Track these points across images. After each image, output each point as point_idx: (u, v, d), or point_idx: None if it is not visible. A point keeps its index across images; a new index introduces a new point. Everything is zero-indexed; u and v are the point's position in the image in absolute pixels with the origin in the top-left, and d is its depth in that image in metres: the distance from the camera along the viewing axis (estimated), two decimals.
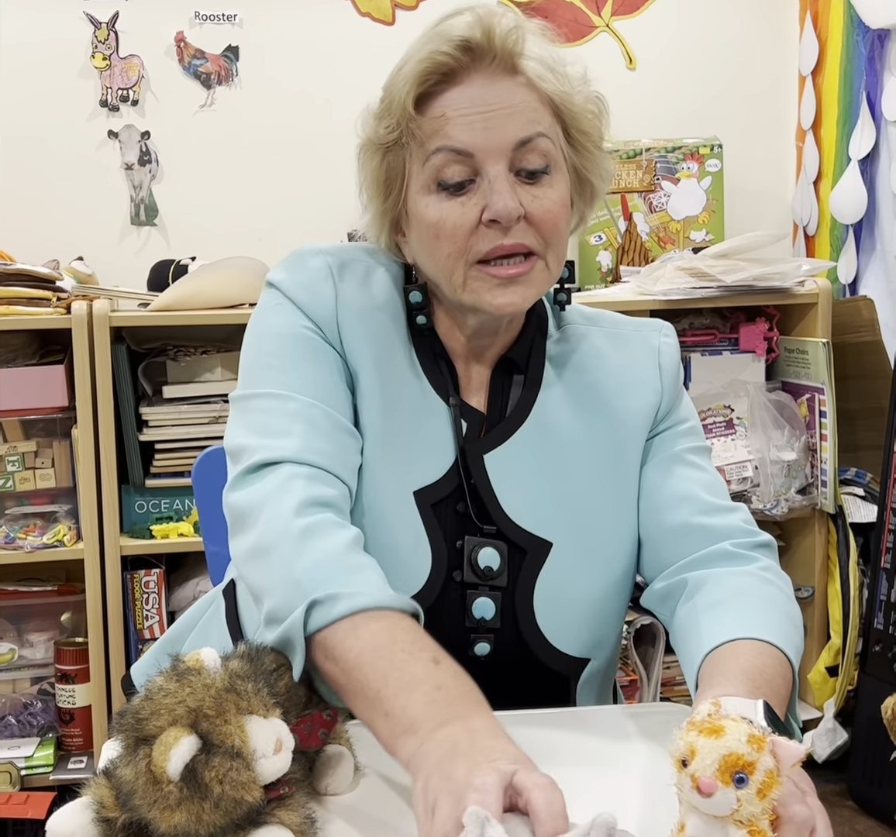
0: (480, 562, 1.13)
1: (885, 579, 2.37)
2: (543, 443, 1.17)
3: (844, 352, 2.58)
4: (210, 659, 0.83)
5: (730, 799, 0.73)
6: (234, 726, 0.78)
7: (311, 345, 1.12)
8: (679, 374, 1.25)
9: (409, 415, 1.14)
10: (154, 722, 0.78)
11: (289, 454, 1.04)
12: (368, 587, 0.95)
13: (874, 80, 2.61)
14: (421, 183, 1.09)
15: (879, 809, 2.30)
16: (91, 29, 2.61)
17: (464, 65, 1.07)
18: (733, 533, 1.15)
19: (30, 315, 2.23)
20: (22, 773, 2.27)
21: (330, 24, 2.72)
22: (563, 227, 1.12)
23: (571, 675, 1.17)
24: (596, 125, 1.15)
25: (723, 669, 0.95)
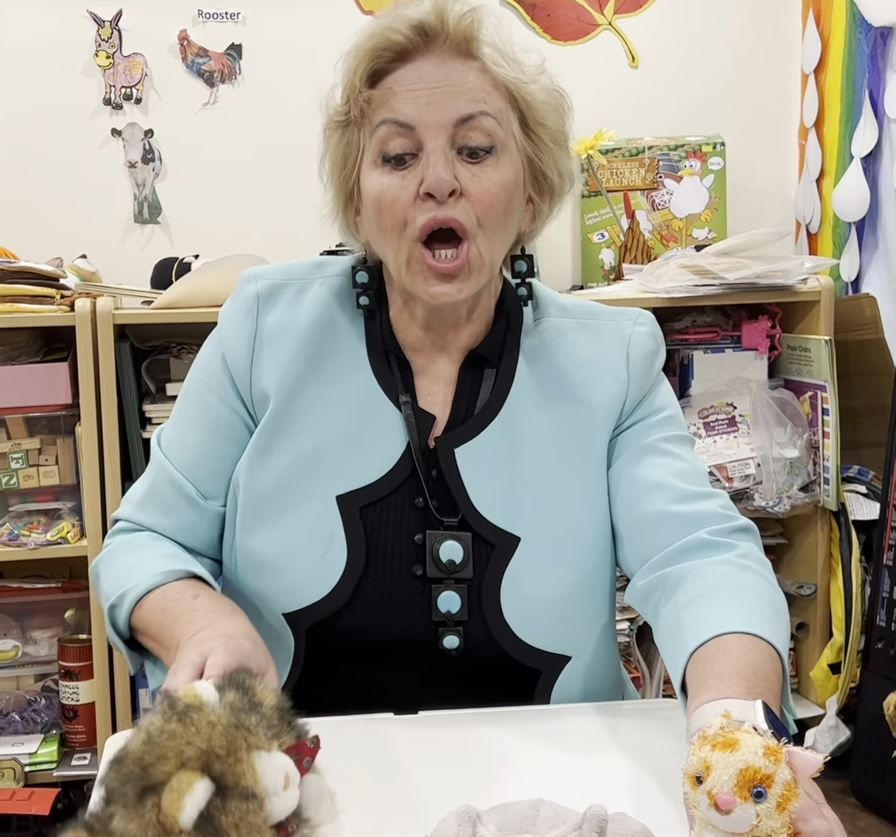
0: (442, 556, 1.13)
1: (888, 576, 2.38)
2: (514, 438, 1.17)
3: (847, 349, 2.58)
4: (208, 693, 0.77)
5: (749, 815, 0.71)
6: (246, 764, 0.73)
7: (204, 400, 1.21)
8: (652, 363, 1.22)
9: (346, 422, 1.16)
10: (161, 768, 0.71)
11: (125, 513, 1.24)
12: (145, 576, 1.11)
13: (877, 77, 2.61)
14: (370, 158, 1.11)
15: (882, 806, 2.31)
16: (94, 27, 2.62)
17: (416, 45, 1.10)
18: (709, 519, 1.13)
19: (33, 312, 2.23)
20: (26, 769, 2.27)
21: (333, 22, 2.72)
22: (501, 210, 1.10)
23: (546, 671, 1.15)
24: (554, 119, 1.15)
25: (714, 669, 0.93)
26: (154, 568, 1.12)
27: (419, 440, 1.15)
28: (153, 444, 1.25)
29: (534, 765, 1.00)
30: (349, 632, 1.14)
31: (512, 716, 1.10)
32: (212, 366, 1.21)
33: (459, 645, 1.14)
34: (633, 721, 1.10)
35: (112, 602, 1.11)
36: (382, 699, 1.12)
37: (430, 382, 1.19)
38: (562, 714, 1.12)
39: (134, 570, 1.13)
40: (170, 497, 1.21)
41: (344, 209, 1.18)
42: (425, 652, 1.14)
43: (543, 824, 0.81)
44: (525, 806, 0.83)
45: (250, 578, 1.17)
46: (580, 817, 0.74)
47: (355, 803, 0.90)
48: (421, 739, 1.05)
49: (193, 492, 1.20)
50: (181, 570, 1.11)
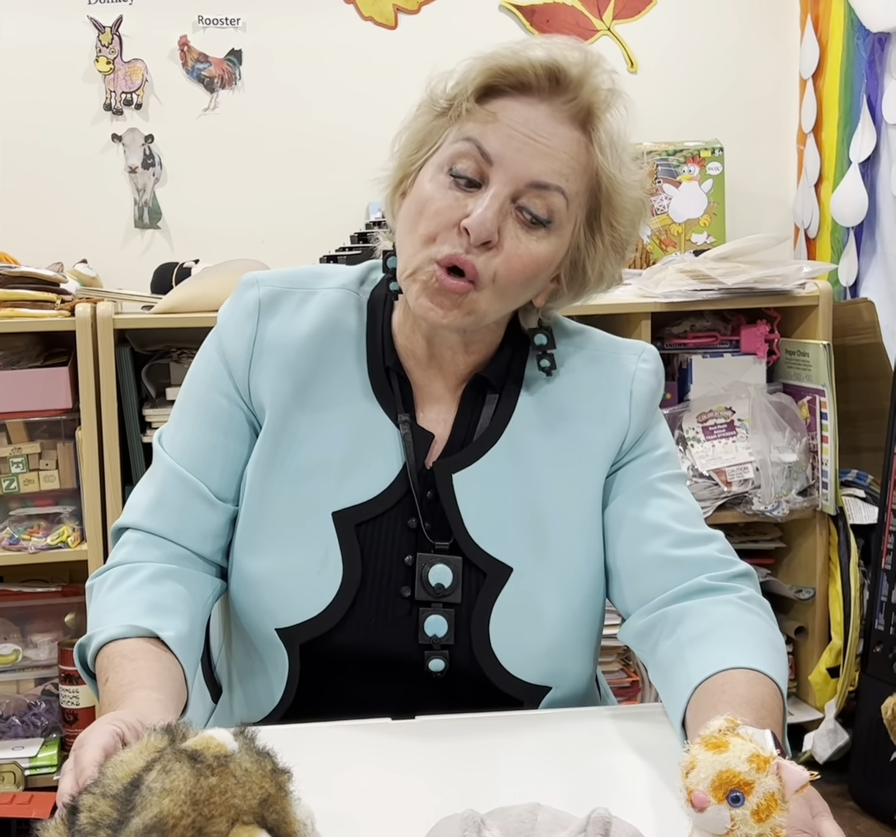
0: (431, 580, 1.13)
1: (886, 580, 2.38)
2: (513, 467, 1.15)
3: (845, 354, 2.59)
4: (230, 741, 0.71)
5: (723, 817, 0.71)
6: (290, 810, 0.70)
7: (207, 398, 1.19)
8: (653, 401, 1.22)
9: (344, 437, 1.15)
10: (215, 828, 0.66)
11: (132, 519, 1.18)
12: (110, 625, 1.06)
13: (875, 83, 2.62)
14: (440, 159, 1.08)
15: (880, 809, 2.31)
16: (95, 33, 2.63)
17: (541, 87, 1.06)
18: (709, 564, 1.13)
19: (34, 317, 2.24)
20: (26, 773, 2.28)
21: (333, 28, 2.74)
22: (522, 280, 1.08)
23: (527, 701, 1.15)
24: (627, 227, 1.12)
25: (724, 698, 0.93)
26: (122, 618, 1.07)
27: (417, 458, 1.14)
28: (156, 447, 1.21)
29: (529, 769, 1.00)
30: (341, 649, 1.14)
31: (507, 721, 1.10)
32: (213, 366, 1.19)
33: (445, 669, 1.13)
34: (630, 725, 1.10)
35: (81, 641, 1.08)
36: (373, 715, 1.11)
37: (429, 401, 1.18)
38: (557, 718, 1.13)
39: (109, 612, 1.10)
40: (183, 499, 1.16)
41: (397, 185, 1.14)
42: (412, 672, 1.14)
43: (542, 828, 0.81)
44: (523, 810, 0.83)
45: (245, 592, 1.16)
46: (584, 820, 0.74)
47: (350, 807, 0.90)
48: (416, 744, 1.06)
49: (208, 493, 1.16)
50: (144, 628, 1.05)
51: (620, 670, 2.52)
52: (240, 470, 1.17)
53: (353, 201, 2.64)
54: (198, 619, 1.13)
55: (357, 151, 2.63)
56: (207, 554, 1.17)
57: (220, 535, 1.18)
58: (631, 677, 2.50)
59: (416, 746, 1.05)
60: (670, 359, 2.64)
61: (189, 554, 1.16)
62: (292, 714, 1.16)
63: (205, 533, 1.17)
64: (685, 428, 2.53)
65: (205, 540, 1.17)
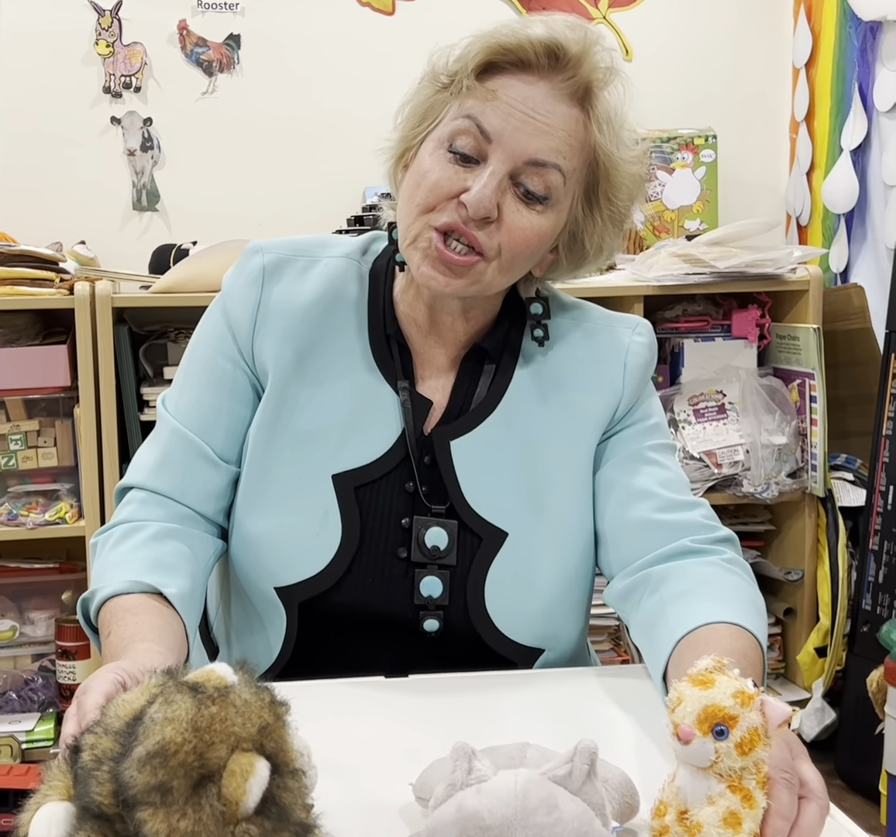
0: (427, 542, 1.16)
1: (873, 561, 2.41)
2: (509, 435, 1.18)
3: (836, 339, 2.62)
4: (230, 673, 0.71)
5: (707, 750, 0.73)
6: (289, 741, 0.70)
7: (212, 362, 1.21)
8: (646, 373, 1.24)
9: (344, 402, 1.17)
10: (215, 754, 0.66)
11: (137, 478, 1.20)
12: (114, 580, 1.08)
13: (866, 71, 2.65)
14: (440, 134, 1.10)
15: (866, 786, 2.33)
16: (95, 16, 2.65)
17: (541, 65, 1.08)
18: (692, 528, 1.15)
19: (33, 295, 2.26)
20: (23, 747, 2.31)
21: (330, 13, 2.76)
22: (525, 253, 1.11)
23: (521, 663, 1.18)
24: (625, 202, 1.14)
25: (707, 649, 0.95)
26: (126, 574, 1.09)
27: (415, 425, 1.17)
28: (160, 410, 1.23)
29: (519, 720, 1.03)
30: (339, 609, 1.17)
31: (498, 679, 1.13)
32: (218, 330, 1.21)
33: (439, 629, 1.16)
34: (616, 682, 1.13)
35: (85, 595, 1.10)
36: (368, 674, 1.14)
37: (428, 369, 1.21)
38: (548, 677, 1.16)
39: (113, 568, 1.11)
40: (188, 460, 1.18)
41: (399, 156, 1.17)
42: (407, 632, 1.17)
43: (531, 764, 0.84)
44: (512, 748, 0.86)
45: (245, 552, 1.19)
46: (571, 750, 0.76)
47: (345, 755, 0.93)
48: (409, 699, 1.09)
49: (212, 454, 1.18)
50: (146, 584, 1.07)
51: (611, 649, 2.55)
52: (242, 433, 1.20)
53: (349, 185, 2.66)
54: (199, 578, 1.15)
55: (354, 136, 2.65)
56: (210, 515, 1.20)
57: (223, 496, 1.20)
58: (621, 656, 2.53)
59: (409, 701, 1.08)
60: (662, 342, 2.67)
61: (192, 514, 1.18)
62: (288, 673, 1.19)
63: (208, 493, 1.19)
64: (677, 410, 2.56)
65: (208, 500, 1.19)
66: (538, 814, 0.72)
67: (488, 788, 0.74)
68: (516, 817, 0.72)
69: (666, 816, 0.76)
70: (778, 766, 0.78)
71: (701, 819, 0.74)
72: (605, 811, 0.76)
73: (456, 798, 0.74)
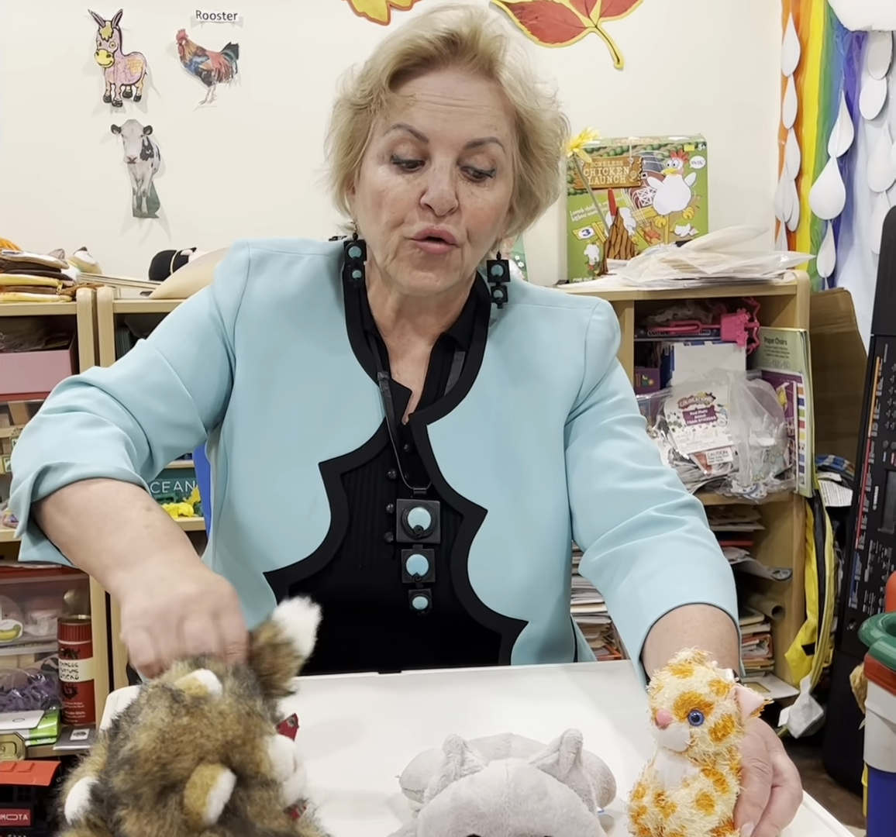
0: (411, 522, 1.21)
1: (859, 560, 2.46)
2: (482, 417, 1.24)
3: (823, 342, 2.67)
4: (212, 682, 0.73)
5: (683, 734, 0.78)
6: (262, 751, 0.70)
7: (199, 326, 1.24)
8: (607, 350, 1.29)
9: (326, 392, 1.23)
10: (180, 765, 0.67)
11: (101, 381, 1.19)
12: (99, 462, 1.04)
13: (852, 79, 2.70)
14: (377, 150, 1.17)
15: (852, 781, 2.38)
16: (95, 27, 2.70)
17: (444, 56, 1.15)
18: (656, 496, 1.20)
19: (36, 301, 2.31)
20: (27, 744, 2.35)
21: (326, 23, 2.80)
22: (489, 228, 1.18)
23: (505, 635, 1.23)
24: (555, 144, 1.22)
25: (686, 639, 0.98)
26: (111, 459, 1.05)
27: (395, 414, 1.23)
28: (141, 343, 1.25)
29: (504, 714, 1.08)
30: (328, 592, 1.19)
31: (484, 675, 1.18)
32: (204, 307, 1.26)
33: (428, 606, 1.21)
34: (602, 678, 1.18)
35: (50, 463, 1.03)
36: (361, 657, 1.19)
37: (403, 361, 1.26)
38: (531, 672, 1.21)
39: (89, 449, 1.06)
40: (164, 385, 1.20)
41: (341, 184, 1.25)
42: (397, 613, 1.22)
43: (516, 754, 0.88)
44: (497, 739, 0.90)
45: (237, 537, 1.23)
46: (557, 740, 0.81)
47: (335, 749, 0.97)
48: (399, 695, 1.13)
49: (185, 391, 1.21)
50: (135, 477, 1.04)
51: (603, 647, 2.60)
52: (210, 397, 1.23)
53: None
54: None
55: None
56: (154, 444, 1.20)
57: (174, 434, 1.21)
58: (614, 654, 2.58)
59: (399, 697, 1.13)
60: (653, 346, 2.72)
61: (142, 436, 1.18)
62: None
63: (167, 424, 1.20)
64: (667, 413, 2.61)
65: (160, 430, 1.20)
66: (529, 801, 0.76)
67: (481, 778, 0.78)
68: (509, 804, 0.76)
69: (644, 797, 0.80)
70: (752, 755, 0.82)
71: (675, 800, 0.78)
72: (590, 796, 0.80)
73: (450, 788, 0.78)
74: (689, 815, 0.78)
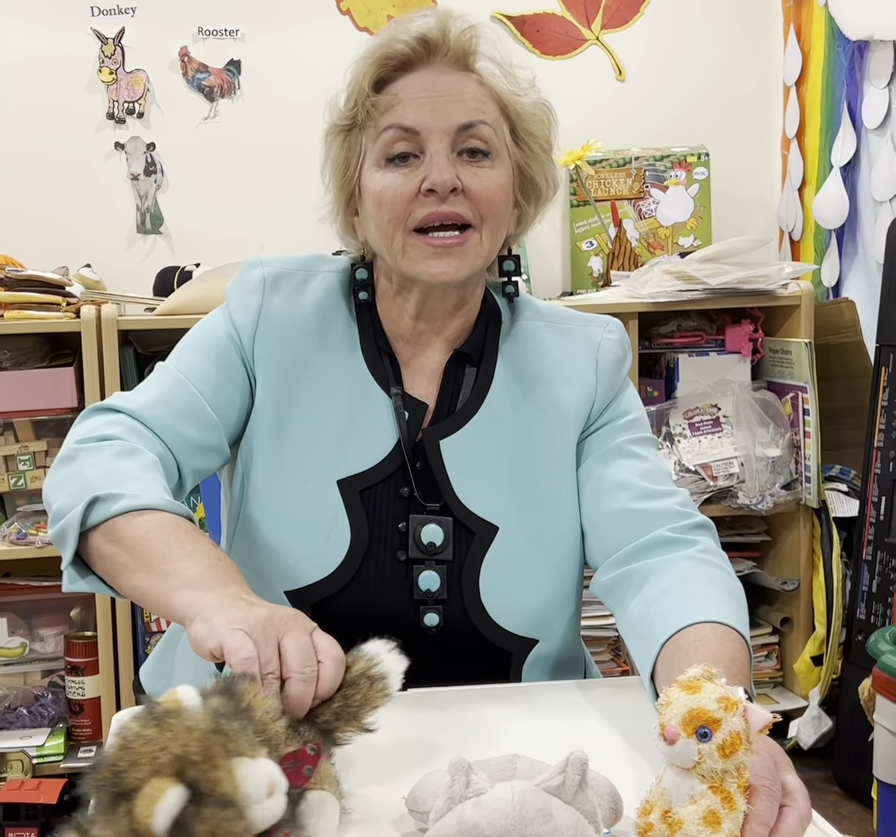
0: (423, 539, 1.21)
1: (867, 570, 2.45)
2: (494, 433, 1.24)
3: (828, 352, 2.67)
4: (189, 698, 0.73)
5: (691, 751, 0.77)
6: (223, 771, 0.69)
7: (217, 347, 1.24)
8: (619, 369, 1.29)
9: (343, 408, 1.23)
10: (134, 774, 0.68)
11: (129, 407, 1.18)
12: (148, 493, 1.05)
13: (854, 89, 2.70)
14: (373, 159, 1.19)
15: (863, 793, 2.37)
16: (98, 44, 2.71)
17: (419, 56, 1.18)
18: (669, 516, 1.19)
19: (40, 319, 2.31)
20: (34, 761, 2.35)
21: (328, 38, 2.80)
22: (501, 206, 1.19)
23: (516, 653, 1.22)
24: (542, 129, 1.23)
25: (697, 656, 0.97)
26: (157, 491, 1.06)
27: (410, 427, 1.23)
28: (160, 365, 1.24)
29: (511, 731, 1.07)
30: (343, 611, 1.21)
31: (492, 693, 1.17)
32: (222, 326, 1.25)
33: (439, 623, 1.21)
34: (609, 694, 1.17)
35: (99, 494, 1.03)
36: None
37: (415, 374, 1.26)
38: (539, 690, 1.20)
39: (133, 481, 1.07)
40: (188, 409, 1.20)
41: (344, 209, 1.25)
42: (409, 630, 1.19)
43: (522, 775, 0.88)
44: (502, 760, 0.90)
45: (257, 557, 1.23)
46: (563, 761, 0.80)
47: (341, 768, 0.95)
48: (404, 714, 1.11)
49: (211, 412, 1.21)
50: (185, 510, 1.05)
51: (611, 660, 2.59)
52: (233, 417, 1.23)
53: None
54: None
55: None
56: (185, 469, 1.20)
57: (203, 457, 1.21)
58: (621, 666, 2.57)
59: (404, 716, 1.11)
60: (658, 357, 2.72)
61: (172, 461, 1.18)
62: None
63: (196, 447, 1.20)
64: (672, 424, 2.60)
65: (191, 454, 1.19)
66: (535, 824, 0.76)
67: (486, 800, 0.78)
68: (514, 827, 0.75)
69: (651, 814, 0.80)
70: (760, 774, 0.81)
71: (682, 817, 0.77)
72: (596, 818, 0.80)
73: (456, 810, 0.78)
74: (696, 832, 0.77)
